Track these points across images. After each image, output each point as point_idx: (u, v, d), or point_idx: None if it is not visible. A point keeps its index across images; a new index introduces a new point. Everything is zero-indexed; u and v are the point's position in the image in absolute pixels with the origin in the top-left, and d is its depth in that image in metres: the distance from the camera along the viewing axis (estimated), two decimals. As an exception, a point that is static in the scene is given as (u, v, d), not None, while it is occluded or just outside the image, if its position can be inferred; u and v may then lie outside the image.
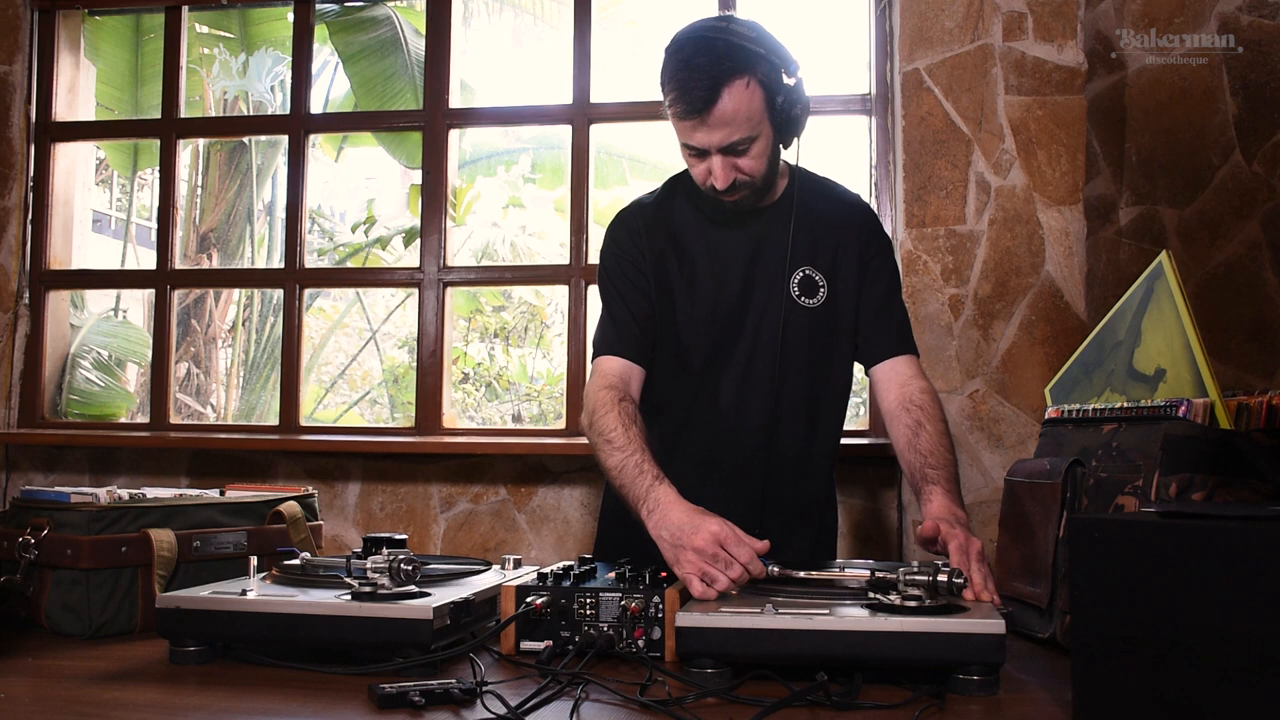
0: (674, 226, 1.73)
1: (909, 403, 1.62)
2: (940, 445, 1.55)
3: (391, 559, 1.15)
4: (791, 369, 1.69)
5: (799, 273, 1.69)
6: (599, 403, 1.61)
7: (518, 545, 2.69)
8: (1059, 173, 2.53)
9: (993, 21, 2.57)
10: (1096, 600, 0.86)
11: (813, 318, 1.69)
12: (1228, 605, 0.76)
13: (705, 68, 1.50)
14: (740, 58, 1.51)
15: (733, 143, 1.53)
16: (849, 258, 1.71)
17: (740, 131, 1.52)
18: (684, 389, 1.73)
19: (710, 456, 1.73)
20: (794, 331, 1.68)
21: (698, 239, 1.72)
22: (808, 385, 1.71)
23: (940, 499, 1.46)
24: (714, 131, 1.52)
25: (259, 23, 5.72)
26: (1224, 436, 1.17)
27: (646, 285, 1.70)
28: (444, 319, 2.87)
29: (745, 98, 1.51)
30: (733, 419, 1.71)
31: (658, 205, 1.77)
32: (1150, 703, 0.81)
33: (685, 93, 1.50)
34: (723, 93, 1.49)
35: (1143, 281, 1.45)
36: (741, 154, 1.55)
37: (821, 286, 1.70)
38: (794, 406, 1.70)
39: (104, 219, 8.98)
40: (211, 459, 2.86)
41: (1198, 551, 0.79)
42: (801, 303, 1.69)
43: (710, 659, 1.03)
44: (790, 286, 1.69)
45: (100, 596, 1.33)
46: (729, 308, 1.70)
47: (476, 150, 7.35)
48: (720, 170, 1.55)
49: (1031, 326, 2.52)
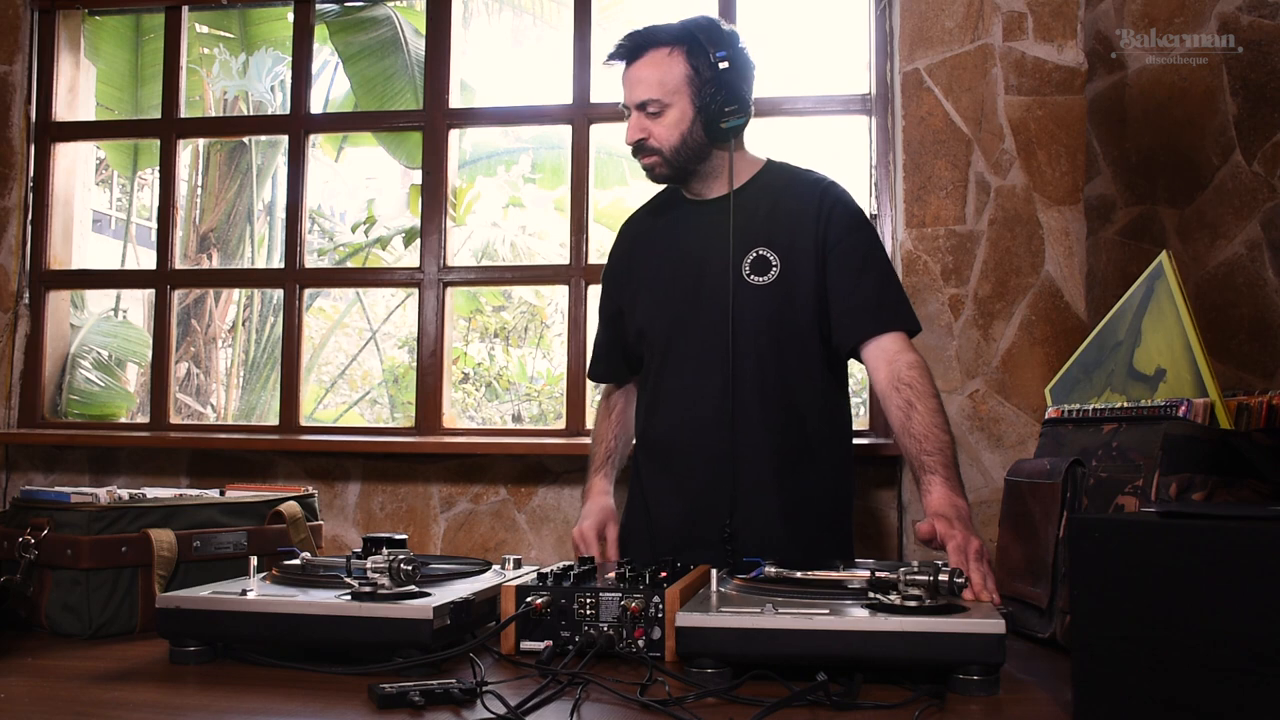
0: (651, 223, 1.89)
1: (898, 381, 1.59)
2: (934, 426, 1.53)
3: (391, 559, 1.15)
4: (749, 349, 1.70)
5: (753, 253, 1.72)
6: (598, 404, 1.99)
7: (518, 545, 2.69)
8: (1059, 173, 2.53)
9: (993, 21, 2.57)
10: (1096, 600, 0.86)
11: (763, 295, 1.70)
12: (1228, 605, 0.76)
13: (643, 30, 1.72)
14: (673, 32, 1.70)
15: (643, 101, 1.68)
16: (805, 237, 1.71)
17: (651, 92, 1.69)
18: (651, 373, 1.82)
19: (674, 440, 1.77)
20: (745, 311, 1.69)
21: (663, 232, 1.84)
22: (771, 369, 1.71)
23: (939, 490, 1.45)
24: (632, 88, 1.70)
25: (259, 23, 5.72)
26: (1224, 436, 1.17)
27: (619, 298, 1.88)
28: (444, 319, 2.87)
29: (664, 64, 1.68)
30: (692, 401, 1.74)
31: (645, 208, 1.94)
32: (1150, 703, 0.81)
33: (618, 45, 1.71)
34: (647, 51, 1.69)
35: (1143, 281, 1.45)
36: (653, 117, 1.70)
37: (774, 265, 1.71)
38: (755, 388, 1.70)
39: (104, 219, 8.98)
40: (211, 459, 2.86)
41: (1198, 551, 0.79)
42: (751, 281, 1.71)
43: (710, 659, 1.03)
44: (742, 266, 1.72)
45: (100, 596, 1.33)
46: (683, 291, 1.76)
47: (476, 150, 7.35)
48: (632, 125, 1.72)
49: (1031, 326, 2.52)
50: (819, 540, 1.75)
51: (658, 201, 1.91)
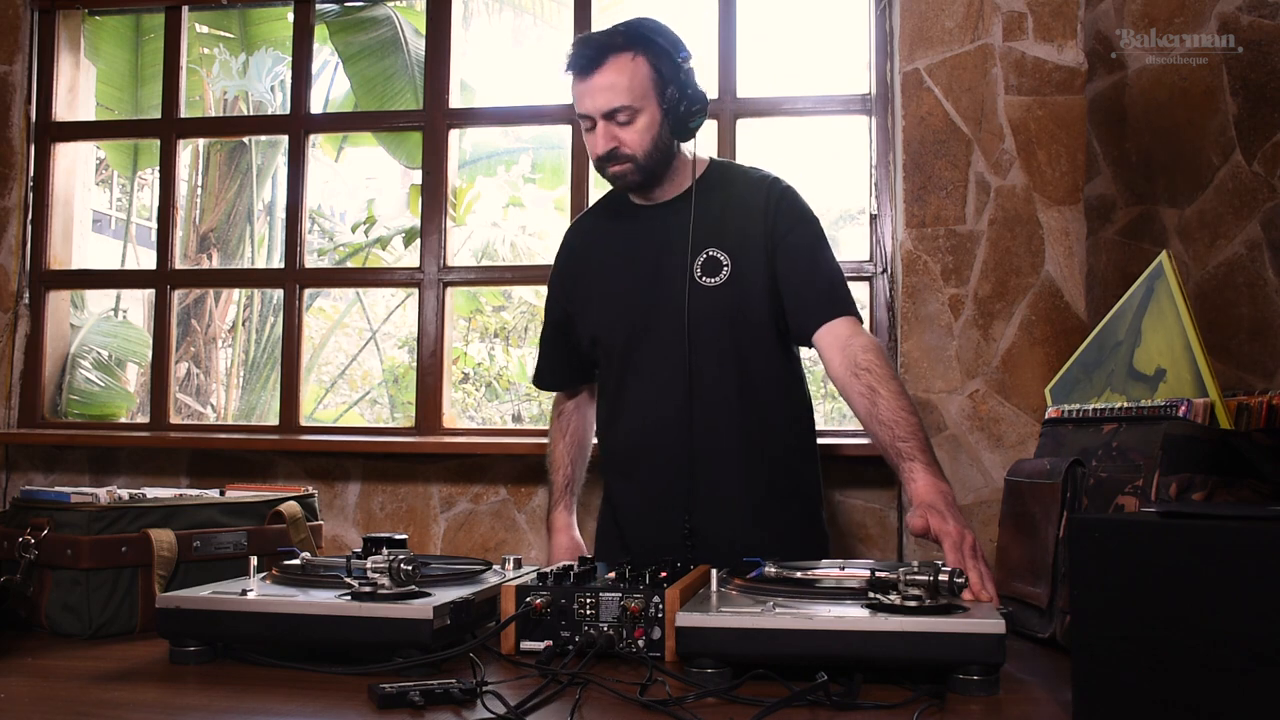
0: (599, 228, 1.86)
1: (855, 366, 1.58)
2: (901, 410, 1.51)
3: (391, 559, 1.15)
4: (706, 352, 1.70)
5: (703, 254, 1.72)
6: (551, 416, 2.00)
7: (518, 545, 2.68)
8: (1059, 173, 2.53)
9: (993, 21, 2.57)
10: (1096, 600, 0.86)
11: (716, 296, 1.70)
12: (1228, 605, 0.76)
13: (596, 39, 1.67)
14: (631, 36, 1.68)
15: (613, 109, 1.64)
16: (754, 233, 1.72)
17: (620, 99, 1.64)
18: (609, 382, 1.81)
19: (638, 446, 1.77)
20: (700, 313, 1.69)
21: (613, 238, 1.82)
22: (731, 369, 1.70)
23: (922, 477, 1.44)
24: (596, 96, 1.64)
25: (259, 23, 5.72)
26: (1224, 436, 1.17)
27: (567, 304, 1.86)
28: (444, 319, 2.87)
29: (630, 69, 1.65)
30: (653, 407, 1.74)
31: (591, 212, 1.93)
32: (1150, 703, 0.81)
33: (576, 56, 1.66)
34: (608, 59, 1.64)
35: (1143, 281, 1.45)
36: (623, 125, 1.65)
37: (725, 265, 1.71)
38: (718, 389, 1.70)
39: (104, 219, 8.98)
40: (211, 459, 2.86)
41: (1198, 551, 0.79)
42: (703, 283, 1.70)
43: (710, 659, 1.03)
44: (693, 269, 1.71)
45: (100, 596, 1.33)
46: (638, 298, 1.75)
47: (476, 150, 7.36)
48: (600, 135, 1.67)
49: (1031, 326, 2.52)
50: (792, 534, 1.75)
51: (604, 206, 1.89)
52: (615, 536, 1.83)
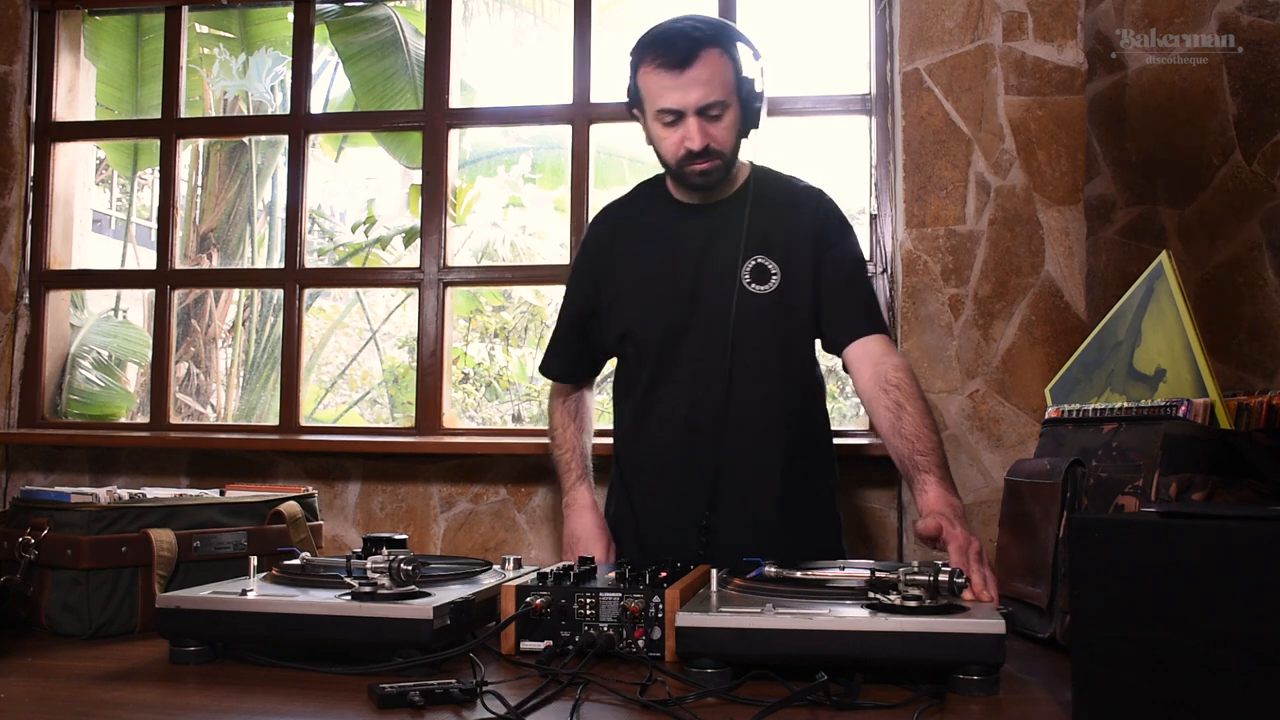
0: (635, 223, 1.82)
1: (885, 382, 1.60)
2: (925, 427, 1.54)
3: (391, 559, 1.15)
4: (746, 357, 1.70)
5: (752, 261, 1.72)
6: (549, 404, 1.95)
7: (518, 545, 2.69)
8: (1059, 173, 2.53)
9: (993, 21, 2.57)
10: (1096, 600, 0.86)
11: (764, 304, 1.70)
12: (1228, 605, 0.76)
13: (686, 31, 1.63)
14: (717, 30, 1.64)
15: (707, 104, 1.62)
16: (803, 244, 1.72)
17: (715, 94, 1.62)
18: (638, 378, 1.79)
19: (668, 444, 1.76)
20: (746, 318, 1.69)
21: (655, 233, 1.79)
22: (768, 376, 1.71)
23: (935, 489, 1.47)
24: (690, 91, 1.61)
25: (259, 23, 5.72)
26: (1224, 436, 1.17)
27: (593, 296, 1.82)
28: (444, 319, 2.87)
29: (720, 64, 1.63)
30: (689, 409, 1.73)
31: (623, 204, 1.89)
32: (1150, 703, 0.81)
33: (667, 49, 1.61)
34: (701, 53, 1.61)
35: (1143, 281, 1.45)
36: (714, 120, 1.64)
37: (774, 274, 1.72)
38: (750, 395, 1.70)
39: (104, 219, 8.98)
40: (211, 459, 2.86)
41: (1198, 551, 0.79)
42: (752, 289, 1.70)
43: (710, 659, 1.03)
44: (742, 274, 1.71)
45: (100, 596, 1.33)
46: (681, 297, 1.74)
47: (476, 150, 7.35)
48: (696, 130, 1.63)
49: (1031, 326, 2.52)
50: (814, 543, 1.76)
51: (640, 200, 1.86)
52: (631, 529, 1.82)
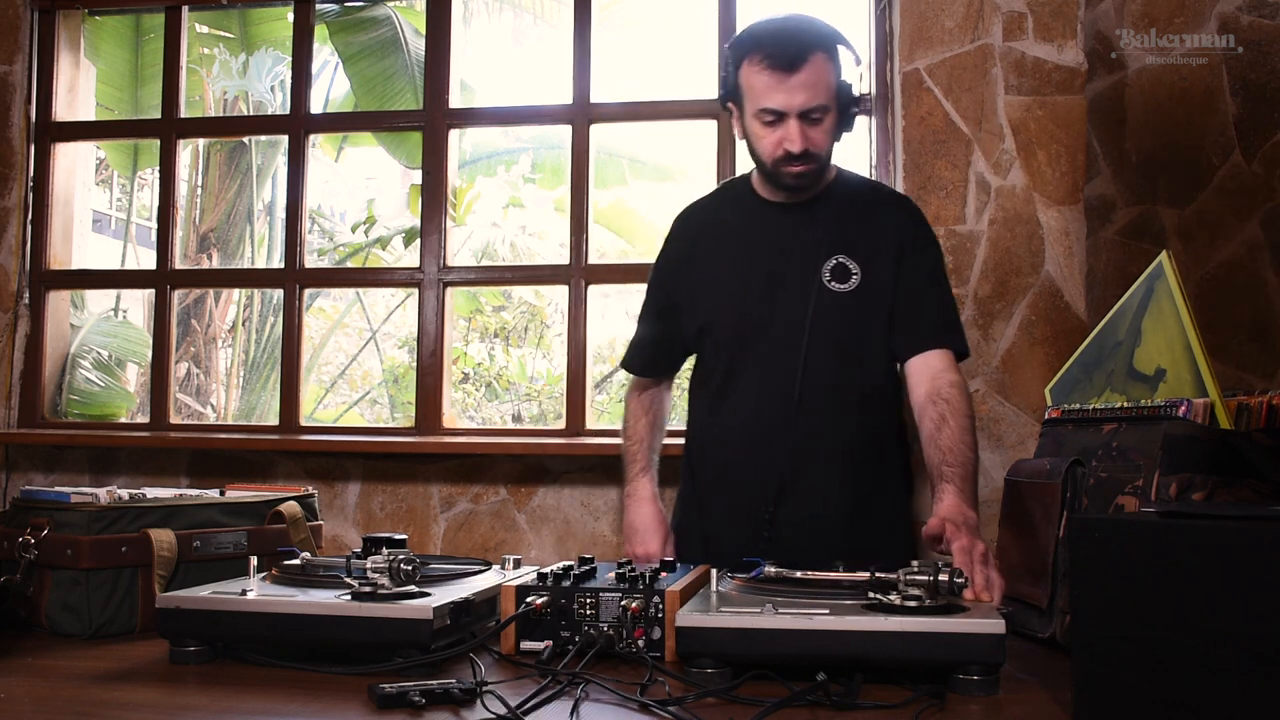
0: (718, 220, 1.85)
1: (937, 396, 1.63)
2: (961, 443, 1.56)
3: (391, 559, 1.15)
4: (820, 353, 1.71)
5: (833, 260, 1.74)
6: (626, 398, 1.96)
7: (518, 545, 2.69)
8: (1059, 173, 2.53)
9: (993, 21, 2.57)
10: (1096, 600, 0.86)
11: (843, 302, 1.72)
12: (1228, 605, 0.76)
13: (796, 33, 1.64)
14: (825, 34, 1.66)
15: (810, 108, 1.63)
16: (886, 247, 1.74)
17: (819, 98, 1.63)
18: (715, 372, 1.80)
19: (736, 436, 1.77)
20: (824, 315, 1.71)
21: (737, 230, 1.81)
22: (840, 374, 1.72)
23: (951, 498, 1.47)
24: (795, 94, 1.62)
25: (259, 23, 5.72)
26: (1224, 436, 1.17)
27: (674, 292, 1.84)
28: (444, 319, 2.87)
29: (825, 69, 1.64)
30: (764, 403, 1.74)
31: (706, 202, 1.91)
32: (1150, 703, 0.81)
33: (777, 50, 1.62)
34: (810, 58, 1.61)
35: (1143, 281, 1.45)
36: (815, 123, 1.65)
37: (855, 274, 1.73)
38: (821, 392, 1.71)
39: (104, 219, 8.97)
40: (211, 459, 2.86)
41: (1198, 551, 0.79)
42: (832, 287, 1.72)
43: (710, 659, 1.03)
44: (823, 272, 1.73)
45: (100, 596, 1.33)
46: (760, 292, 1.75)
47: (476, 150, 7.35)
48: (797, 133, 1.63)
49: (1031, 326, 2.52)
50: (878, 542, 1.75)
51: (722, 197, 1.89)
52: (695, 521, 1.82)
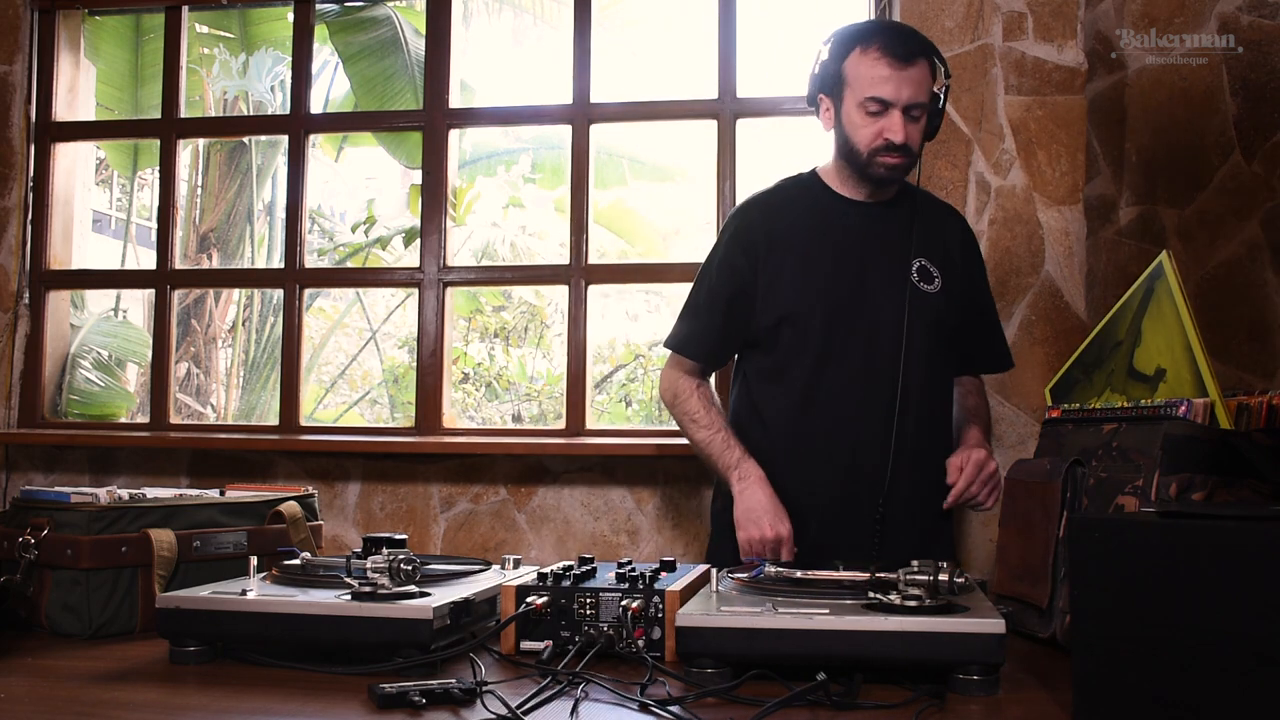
0: (791, 211, 1.86)
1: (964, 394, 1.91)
2: (983, 407, 1.91)
3: (391, 559, 1.15)
4: (915, 353, 1.76)
5: (918, 261, 1.80)
6: (680, 389, 1.87)
7: (518, 545, 2.69)
8: (1059, 173, 2.53)
9: (993, 21, 2.57)
10: (1096, 600, 0.86)
11: (930, 303, 1.78)
12: (1228, 605, 0.76)
13: (911, 32, 1.76)
14: (929, 43, 1.76)
15: (914, 104, 1.70)
16: (957, 256, 1.85)
17: (922, 97, 1.71)
18: (799, 365, 1.79)
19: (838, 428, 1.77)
20: (917, 316, 1.76)
21: (815, 222, 1.83)
22: (937, 369, 1.81)
23: (975, 435, 1.79)
24: (904, 87, 1.69)
25: (259, 23, 5.72)
26: (1224, 436, 1.17)
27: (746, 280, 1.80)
28: (444, 319, 2.87)
29: (928, 72, 1.73)
30: (859, 391, 1.76)
31: (772, 197, 1.91)
32: (1150, 703, 0.81)
33: (893, 43, 1.70)
34: (920, 57, 1.71)
35: (1143, 281, 1.45)
36: (914, 120, 1.72)
37: (937, 276, 1.81)
38: (921, 387, 1.77)
39: (104, 219, 8.97)
40: (211, 459, 2.86)
41: (1198, 551, 0.79)
42: (921, 288, 1.78)
43: (710, 659, 1.03)
44: (911, 273, 1.78)
45: (100, 596, 1.33)
46: (849, 283, 1.78)
47: (476, 150, 7.35)
48: (900, 124, 1.70)
49: (1031, 326, 2.52)
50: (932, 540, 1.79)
51: (787, 191, 1.89)
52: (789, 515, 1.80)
